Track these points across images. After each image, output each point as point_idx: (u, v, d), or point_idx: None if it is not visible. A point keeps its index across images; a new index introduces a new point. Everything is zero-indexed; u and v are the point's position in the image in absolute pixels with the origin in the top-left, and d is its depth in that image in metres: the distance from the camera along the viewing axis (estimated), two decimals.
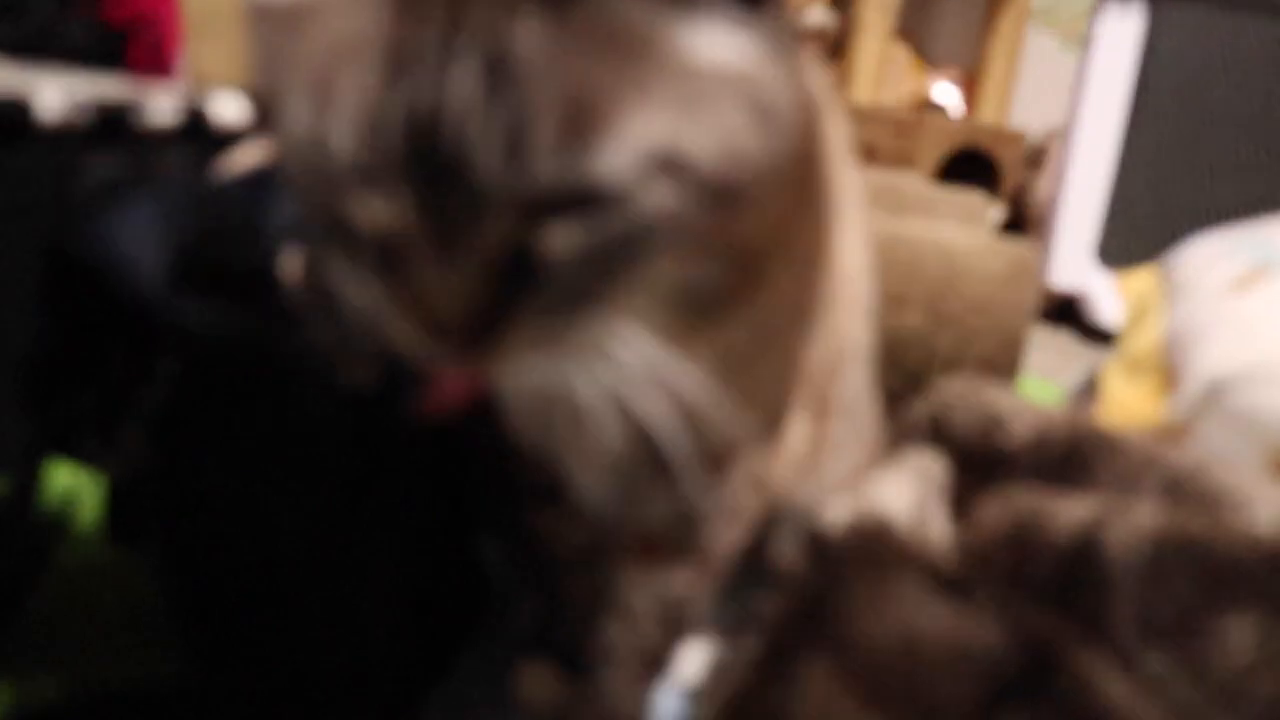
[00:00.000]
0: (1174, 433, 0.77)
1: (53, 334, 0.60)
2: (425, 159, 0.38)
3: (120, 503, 0.67)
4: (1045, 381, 1.72)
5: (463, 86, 0.37)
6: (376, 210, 0.40)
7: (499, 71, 0.38)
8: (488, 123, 0.37)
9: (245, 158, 0.67)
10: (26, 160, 0.59)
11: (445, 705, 0.73)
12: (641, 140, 0.39)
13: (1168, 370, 0.86)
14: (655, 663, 0.68)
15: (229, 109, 0.73)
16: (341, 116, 0.39)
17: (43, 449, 0.63)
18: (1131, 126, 2.24)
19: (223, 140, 0.71)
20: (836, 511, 0.66)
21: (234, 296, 0.59)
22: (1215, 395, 0.76)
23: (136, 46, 1.12)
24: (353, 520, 0.65)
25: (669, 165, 0.40)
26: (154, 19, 1.14)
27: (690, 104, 0.40)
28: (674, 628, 0.68)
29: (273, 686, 0.64)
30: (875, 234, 1.27)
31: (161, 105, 0.68)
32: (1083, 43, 2.35)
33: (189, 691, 0.64)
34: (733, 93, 0.42)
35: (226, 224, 0.62)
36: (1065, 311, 2.38)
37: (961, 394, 0.86)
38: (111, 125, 0.64)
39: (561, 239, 0.41)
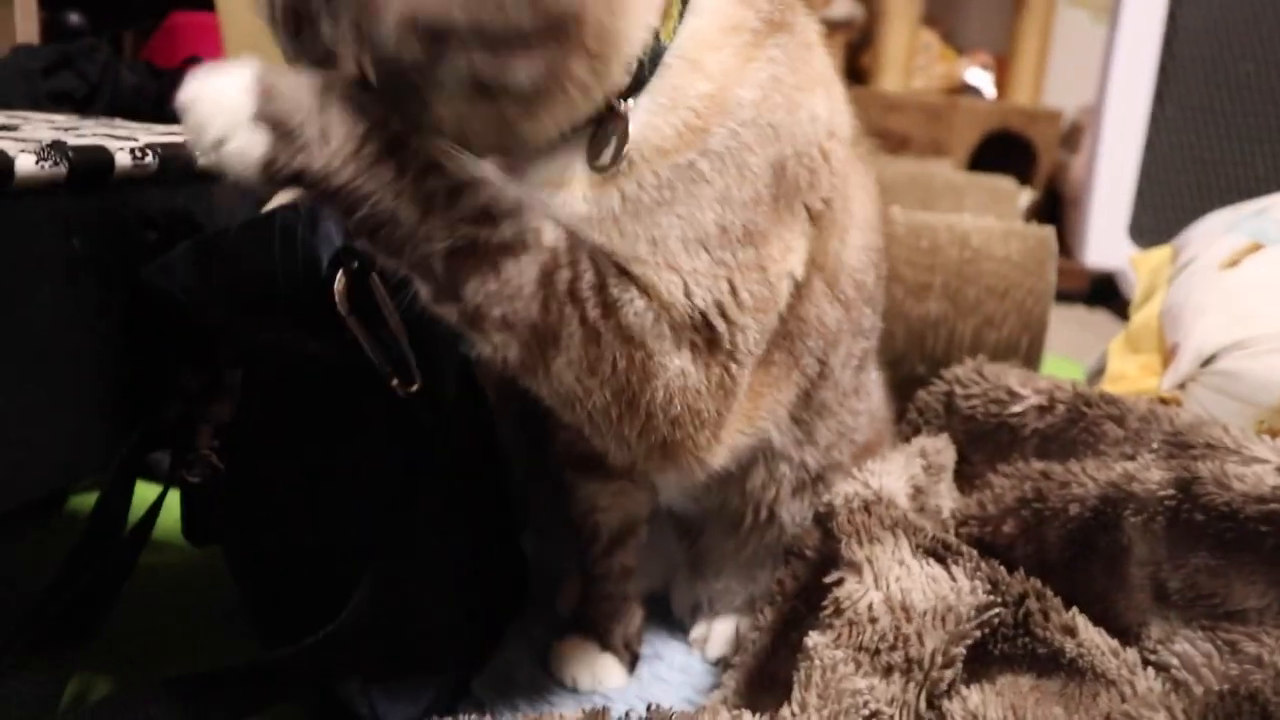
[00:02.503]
0: (1169, 402, 0.81)
1: (137, 358, 0.67)
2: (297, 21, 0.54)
3: (196, 508, 0.75)
4: (1077, 364, 1.75)
5: None
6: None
7: None
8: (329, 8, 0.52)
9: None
10: (106, 202, 0.67)
11: (493, 676, 0.79)
12: (393, 14, 0.50)
13: (1163, 344, 0.90)
14: None
15: None
16: None
17: (134, 464, 0.71)
18: (1159, 102, 2.24)
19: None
20: (841, 491, 0.72)
21: (287, 318, 0.66)
22: (1205, 366, 0.80)
23: None
24: (406, 514, 0.72)
25: (416, 27, 0.50)
26: (202, 60, 1.22)
27: None
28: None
29: (340, 659, 0.71)
30: (898, 224, 1.32)
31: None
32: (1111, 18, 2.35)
33: (264, 669, 0.70)
34: None
35: (277, 252, 0.69)
36: (1102, 291, 2.39)
37: (971, 372, 0.91)
38: (172, 166, 0.71)
39: None
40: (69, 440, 0.65)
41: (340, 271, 0.63)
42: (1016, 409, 0.80)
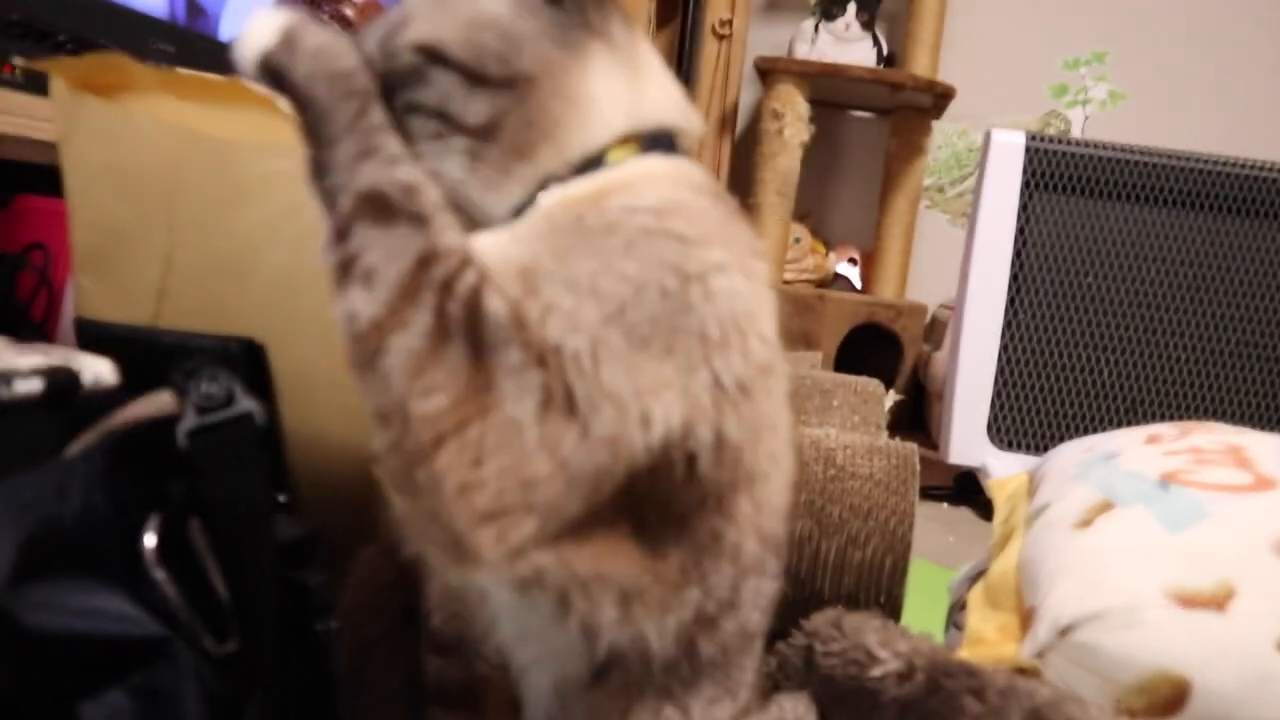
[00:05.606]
0: (1029, 672, 0.80)
1: None
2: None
3: None
4: (943, 570, 1.76)
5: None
6: None
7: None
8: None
9: (110, 424, 0.68)
10: None
11: None
12: (413, 33, 0.64)
13: (1021, 604, 0.89)
14: None
15: (102, 370, 0.74)
16: None
17: None
18: (1012, 309, 2.35)
19: (91, 406, 0.72)
20: None
21: (87, 586, 0.59)
22: (1063, 637, 0.79)
23: (29, 275, 1.13)
24: None
25: (426, 52, 0.63)
26: (46, 248, 1.15)
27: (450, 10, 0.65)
28: None
29: None
30: None
31: (27, 373, 0.69)
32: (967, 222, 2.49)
33: None
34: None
35: (79, 507, 0.62)
36: (967, 486, 2.44)
37: (831, 627, 0.88)
38: None
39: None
40: None
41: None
42: (875, 673, 0.78)
